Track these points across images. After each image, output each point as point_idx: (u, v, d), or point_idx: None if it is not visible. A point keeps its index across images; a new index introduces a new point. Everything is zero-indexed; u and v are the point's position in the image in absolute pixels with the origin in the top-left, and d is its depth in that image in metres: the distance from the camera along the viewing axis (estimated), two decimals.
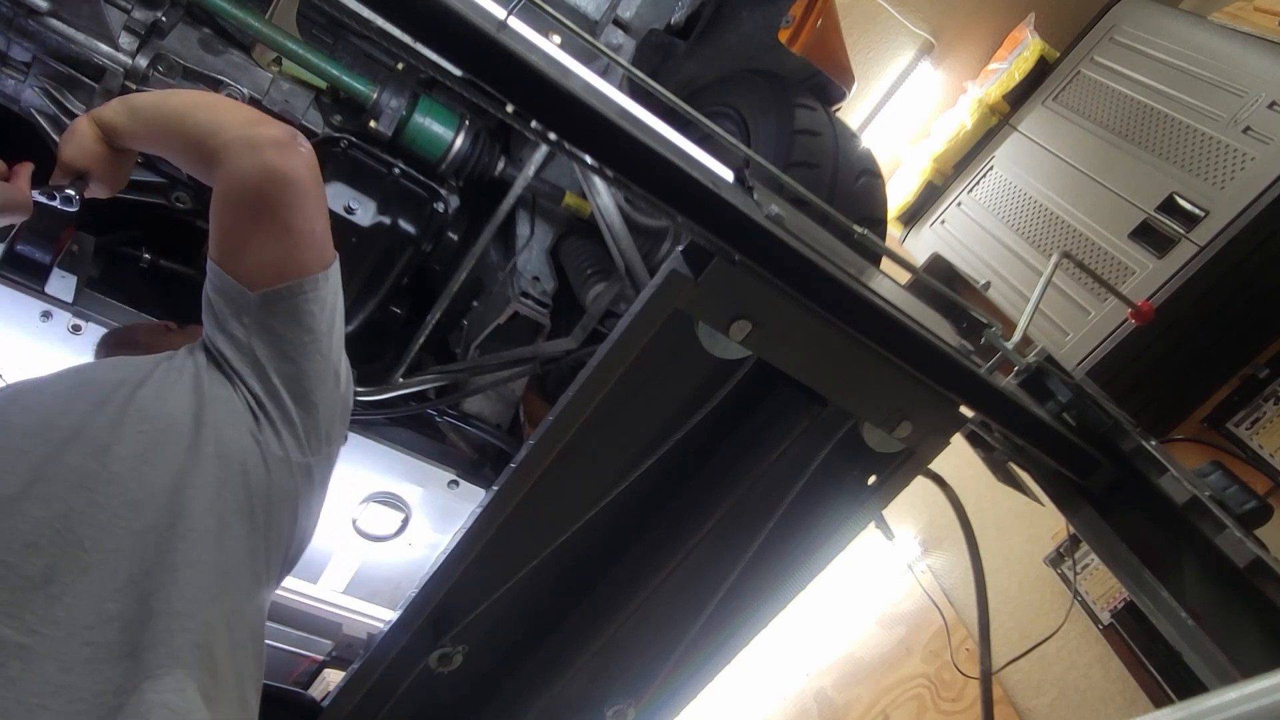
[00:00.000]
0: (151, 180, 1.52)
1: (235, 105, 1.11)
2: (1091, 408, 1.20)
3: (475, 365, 1.76)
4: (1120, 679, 2.42)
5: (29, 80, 1.41)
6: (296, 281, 0.98)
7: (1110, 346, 2.44)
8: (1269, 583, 0.95)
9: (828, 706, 3.15)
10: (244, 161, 0.99)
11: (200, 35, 1.44)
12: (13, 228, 1.44)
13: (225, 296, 0.99)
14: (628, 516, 1.28)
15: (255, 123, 1.04)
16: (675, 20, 1.73)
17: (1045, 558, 2.69)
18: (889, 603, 3.16)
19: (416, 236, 1.59)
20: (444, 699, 1.34)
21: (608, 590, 1.32)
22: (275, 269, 0.98)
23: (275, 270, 0.98)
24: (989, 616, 1.23)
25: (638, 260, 1.52)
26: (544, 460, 1.06)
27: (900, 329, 0.98)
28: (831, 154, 1.49)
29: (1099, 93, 2.90)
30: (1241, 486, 1.08)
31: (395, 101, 1.51)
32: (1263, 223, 2.27)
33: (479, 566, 1.15)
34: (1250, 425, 2.42)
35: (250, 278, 0.97)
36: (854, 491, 1.20)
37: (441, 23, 0.75)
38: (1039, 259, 2.79)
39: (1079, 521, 1.19)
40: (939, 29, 3.32)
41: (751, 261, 0.91)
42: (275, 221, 0.98)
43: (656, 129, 0.95)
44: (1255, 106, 2.40)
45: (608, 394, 1.01)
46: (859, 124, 3.45)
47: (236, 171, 0.99)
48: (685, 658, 1.28)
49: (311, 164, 1.02)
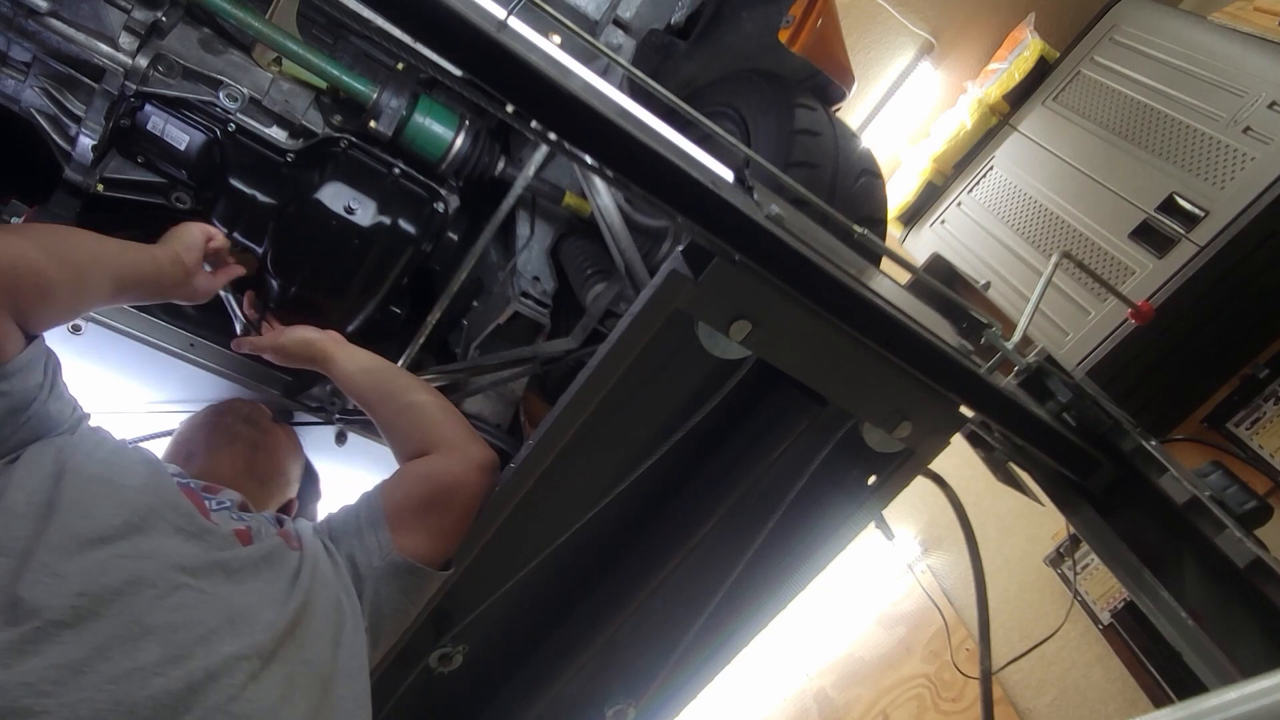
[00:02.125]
0: (151, 180, 1.52)
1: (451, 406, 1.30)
2: (1091, 408, 1.20)
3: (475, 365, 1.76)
4: (1120, 679, 2.42)
5: (29, 80, 1.40)
6: (430, 571, 1.11)
7: (1110, 346, 2.43)
8: (1269, 583, 0.95)
9: (828, 706, 3.15)
10: (466, 467, 1.16)
11: (200, 35, 1.44)
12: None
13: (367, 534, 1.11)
14: (628, 516, 1.28)
15: (477, 438, 1.23)
16: (675, 20, 1.73)
17: (1045, 558, 2.69)
18: (889, 603, 3.16)
19: (416, 236, 1.59)
20: (444, 699, 1.34)
21: (608, 590, 1.32)
22: (440, 552, 1.13)
23: (438, 553, 1.12)
24: (989, 616, 1.23)
25: (638, 260, 1.52)
26: (544, 460, 1.06)
27: (900, 329, 0.98)
28: (831, 154, 1.49)
29: (1099, 93, 2.90)
30: (1241, 486, 1.08)
31: (395, 101, 1.51)
32: (1263, 223, 2.27)
33: (479, 566, 1.16)
34: (1250, 425, 2.42)
35: (411, 550, 1.10)
36: (854, 491, 1.20)
37: (441, 23, 0.75)
38: (1039, 259, 2.79)
39: (1079, 521, 1.19)
40: (939, 29, 3.32)
41: (751, 261, 0.91)
42: (459, 517, 1.14)
43: (656, 129, 0.95)
44: (1255, 106, 2.40)
45: (608, 394, 1.01)
46: (859, 124, 3.45)
47: (457, 468, 1.16)
48: (685, 658, 1.28)
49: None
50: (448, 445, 1.20)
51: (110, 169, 1.47)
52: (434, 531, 1.12)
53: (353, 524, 1.13)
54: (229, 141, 1.50)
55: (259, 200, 1.54)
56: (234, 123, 1.48)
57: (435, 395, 1.31)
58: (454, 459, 1.18)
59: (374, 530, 1.11)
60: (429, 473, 1.17)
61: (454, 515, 1.14)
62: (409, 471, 1.19)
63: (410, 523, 1.12)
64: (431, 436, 1.22)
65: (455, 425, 1.24)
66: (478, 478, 1.15)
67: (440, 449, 1.20)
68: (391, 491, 1.16)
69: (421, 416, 1.26)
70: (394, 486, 1.17)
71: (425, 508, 1.13)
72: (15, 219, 1.44)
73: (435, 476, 1.16)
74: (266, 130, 1.51)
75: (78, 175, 1.45)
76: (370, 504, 1.15)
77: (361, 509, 1.15)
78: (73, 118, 1.42)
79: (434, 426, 1.23)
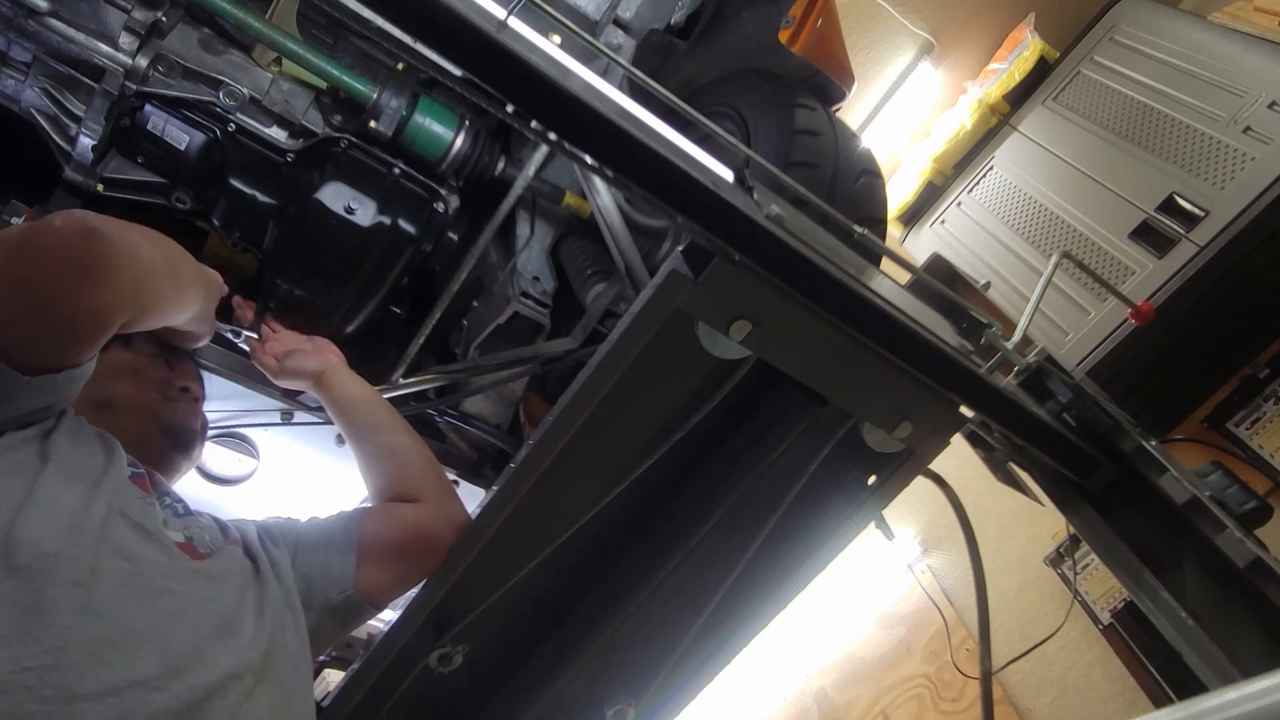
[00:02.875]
0: (151, 180, 1.52)
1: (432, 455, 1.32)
2: (1091, 408, 1.20)
3: (475, 365, 1.76)
4: (1120, 679, 2.42)
5: (29, 80, 1.41)
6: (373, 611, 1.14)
7: (1110, 346, 2.43)
8: (1269, 583, 0.95)
9: (828, 706, 3.15)
10: (446, 526, 1.17)
11: (200, 35, 1.44)
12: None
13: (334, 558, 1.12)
14: (628, 516, 1.28)
15: (455, 496, 1.26)
16: (675, 20, 1.73)
17: (1045, 558, 2.69)
18: (889, 603, 3.16)
19: (416, 236, 1.59)
20: (444, 699, 1.34)
21: (608, 590, 1.32)
22: (388, 597, 1.14)
23: (386, 597, 1.14)
24: (989, 616, 1.23)
25: (638, 260, 1.52)
26: (544, 460, 1.06)
27: (900, 329, 0.98)
28: (831, 154, 1.49)
29: (1099, 93, 2.90)
30: (1241, 486, 1.08)
31: (395, 101, 1.51)
32: (1263, 223, 2.27)
33: (479, 566, 1.15)
34: (1250, 425, 2.42)
35: (367, 589, 1.11)
36: (854, 491, 1.19)
37: (441, 23, 0.75)
38: (1039, 259, 2.79)
39: (1079, 521, 1.19)
40: (939, 29, 3.32)
41: (751, 261, 0.91)
42: (423, 571, 1.15)
43: (656, 129, 0.95)
44: (1255, 106, 2.40)
45: (608, 394, 1.01)
46: (859, 124, 3.45)
47: (440, 524, 1.18)
48: (685, 658, 1.28)
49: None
50: (433, 498, 1.23)
51: (110, 169, 1.48)
52: (398, 577, 1.14)
53: (323, 543, 1.13)
54: (229, 141, 1.50)
55: (259, 200, 1.54)
56: (234, 123, 1.49)
57: (420, 441, 1.34)
58: (437, 514, 1.20)
59: (343, 556, 1.12)
60: (415, 520, 1.18)
61: (422, 567, 1.15)
62: (394, 513, 1.20)
63: (379, 561, 1.13)
64: (416, 484, 1.24)
65: (439, 479, 1.28)
66: (452, 537, 1.16)
67: (426, 500, 1.23)
68: (372, 525, 1.17)
69: (406, 460, 1.28)
70: (375, 521, 1.18)
71: (399, 552, 1.15)
72: (15, 219, 1.44)
73: (419, 526, 1.18)
74: (266, 130, 1.51)
75: (78, 175, 1.45)
76: (347, 530, 1.15)
77: (336, 532, 1.15)
78: (73, 118, 1.42)
79: (419, 475, 1.26)
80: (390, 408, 1.40)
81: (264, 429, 1.68)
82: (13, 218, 1.45)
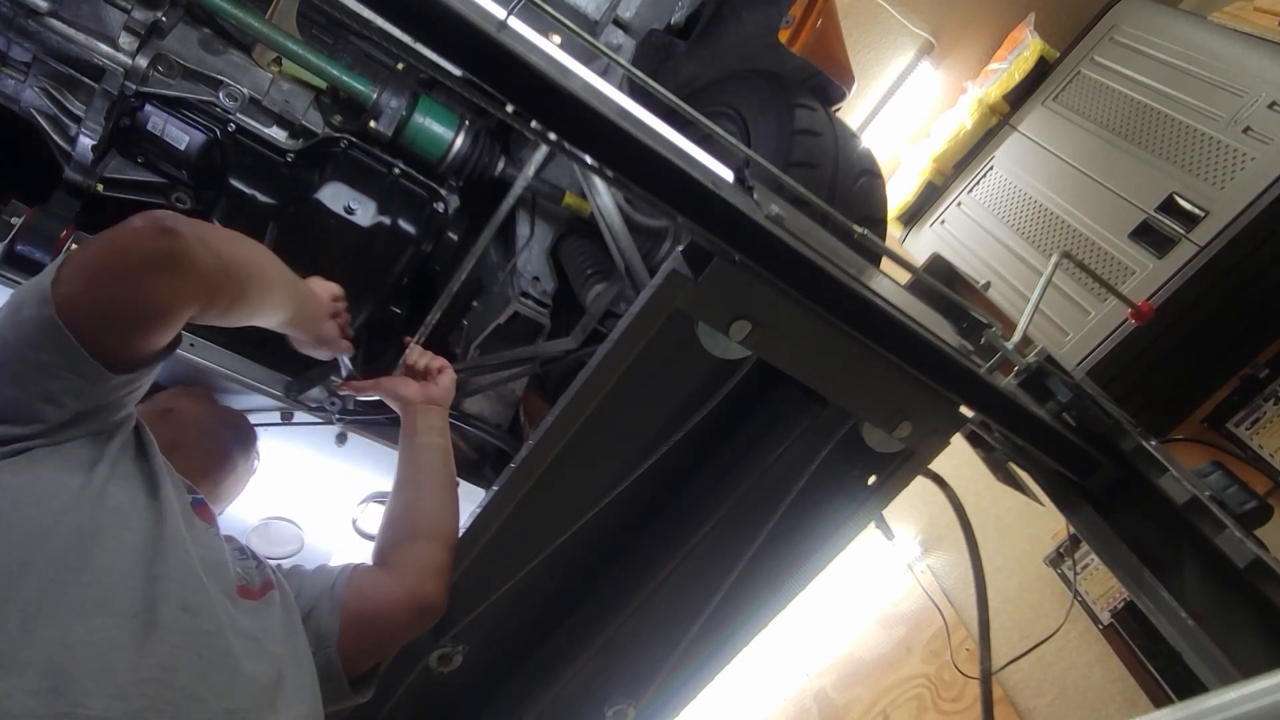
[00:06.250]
0: (152, 180, 1.52)
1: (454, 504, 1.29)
2: (1091, 408, 1.20)
3: (475, 365, 1.76)
4: (1120, 679, 2.42)
5: (29, 80, 1.41)
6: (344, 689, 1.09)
7: (1110, 346, 2.43)
8: (1269, 583, 0.95)
9: (828, 706, 3.15)
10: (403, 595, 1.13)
11: (200, 35, 1.44)
12: (12, 229, 1.44)
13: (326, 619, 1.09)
14: (628, 516, 1.28)
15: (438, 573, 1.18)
16: (675, 20, 1.73)
17: (1045, 558, 2.69)
18: (889, 603, 3.16)
19: (416, 236, 1.59)
20: (444, 699, 1.34)
21: (608, 590, 1.32)
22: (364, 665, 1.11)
23: (361, 665, 1.11)
24: (989, 616, 1.23)
25: (638, 260, 1.52)
26: (544, 460, 1.06)
27: (900, 329, 0.98)
28: (831, 154, 1.49)
29: (1099, 93, 2.90)
30: (1241, 486, 1.08)
31: (395, 101, 1.51)
32: (1263, 223, 2.27)
33: (479, 566, 1.16)
34: (1250, 425, 2.42)
35: (348, 659, 1.09)
36: (854, 491, 1.20)
37: (441, 23, 0.75)
38: (1039, 259, 2.79)
39: (1079, 521, 1.19)
40: (939, 29, 3.32)
41: (751, 261, 0.91)
42: (394, 645, 1.13)
43: (656, 129, 0.95)
44: (1255, 106, 2.40)
45: (608, 394, 1.01)
46: (859, 124, 3.45)
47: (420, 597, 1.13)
48: (685, 658, 1.28)
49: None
50: (403, 570, 1.17)
51: (110, 169, 1.48)
52: (384, 654, 1.13)
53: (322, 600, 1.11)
54: (229, 141, 1.50)
55: (259, 200, 1.54)
56: (234, 123, 1.49)
57: (447, 520, 1.27)
58: (398, 587, 1.14)
59: (332, 617, 1.09)
60: (398, 600, 1.13)
61: (391, 647, 1.14)
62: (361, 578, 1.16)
63: (367, 651, 1.11)
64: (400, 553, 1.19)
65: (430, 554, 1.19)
66: (407, 615, 1.13)
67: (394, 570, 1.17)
68: (359, 589, 1.13)
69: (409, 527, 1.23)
70: (362, 586, 1.14)
71: (382, 641, 1.13)
72: (15, 219, 1.44)
73: (398, 609, 1.13)
74: (266, 130, 1.51)
75: (78, 175, 1.45)
76: (334, 591, 1.12)
77: (324, 594, 1.12)
78: (73, 118, 1.42)
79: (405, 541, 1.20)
80: (442, 472, 1.34)
81: (264, 429, 1.67)
82: (13, 218, 1.45)
